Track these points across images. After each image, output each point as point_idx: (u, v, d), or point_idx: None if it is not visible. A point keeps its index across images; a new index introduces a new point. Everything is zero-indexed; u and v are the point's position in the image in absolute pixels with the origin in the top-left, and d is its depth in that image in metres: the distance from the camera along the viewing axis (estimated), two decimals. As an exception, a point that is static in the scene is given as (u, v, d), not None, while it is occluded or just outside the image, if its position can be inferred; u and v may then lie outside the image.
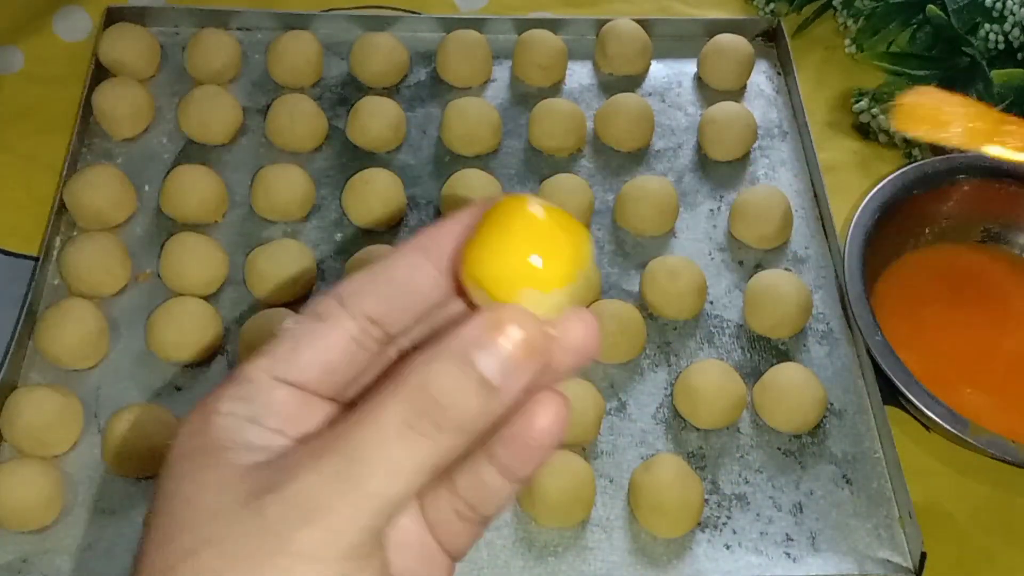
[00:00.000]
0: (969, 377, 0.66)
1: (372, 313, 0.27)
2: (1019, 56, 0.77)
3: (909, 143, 0.77)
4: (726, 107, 0.76)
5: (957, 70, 0.78)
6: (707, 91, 0.80)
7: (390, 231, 0.71)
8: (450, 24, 0.81)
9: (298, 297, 0.66)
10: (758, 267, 0.71)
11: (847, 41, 0.83)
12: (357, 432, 0.24)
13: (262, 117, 0.75)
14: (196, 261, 0.65)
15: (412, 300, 0.27)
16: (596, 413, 0.61)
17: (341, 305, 0.27)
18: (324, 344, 0.27)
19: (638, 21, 0.80)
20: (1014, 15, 0.76)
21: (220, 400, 0.27)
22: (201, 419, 0.26)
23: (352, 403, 0.27)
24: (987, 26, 0.77)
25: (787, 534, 0.60)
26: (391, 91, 0.78)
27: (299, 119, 0.73)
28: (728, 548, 0.59)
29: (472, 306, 0.27)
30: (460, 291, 0.27)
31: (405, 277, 0.27)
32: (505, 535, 0.58)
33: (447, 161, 0.74)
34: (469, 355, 0.24)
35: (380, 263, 0.28)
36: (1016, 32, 0.76)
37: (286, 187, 0.69)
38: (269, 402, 0.26)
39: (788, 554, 0.59)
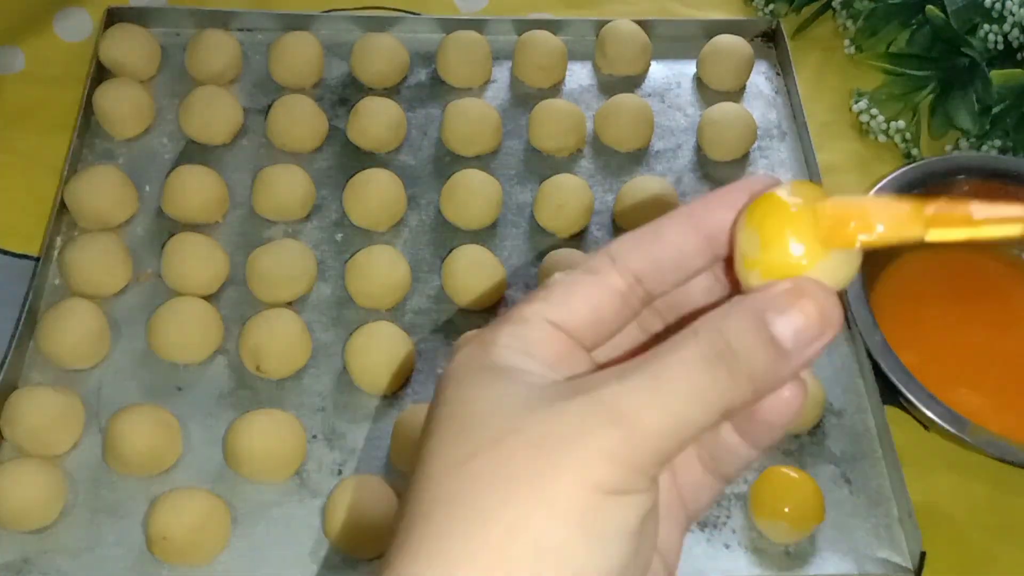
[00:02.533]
0: (968, 377, 0.66)
1: (639, 271, 0.28)
2: (1018, 56, 0.77)
3: (909, 143, 0.78)
4: (725, 108, 0.76)
5: (956, 70, 0.78)
6: (706, 92, 0.80)
7: (390, 231, 0.71)
8: (450, 25, 0.81)
9: (299, 297, 0.67)
10: (758, 267, 0.71)
11: (846, 42, 0.84)
12: (663, 358, 0.25)
13: (263, 117, 0.75)
14: (197, 261, 0.65)
15: (676, 264, 0.29)
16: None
17: (612, 261, 0.28)
18: (595, 294, 0.28)
19: (638, 22, 0.80)
20: (1013, 15, 0.76)
21: (498, 334, 0.28)
22: (480, 348, 0.27)
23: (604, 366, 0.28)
24: (986, 26, 0.77)
25: (787, 534, 0.60)
26: (391, 92, 0.78)
27: (299, 119, 0.73)
28: (728, 547, 0.59)
29: (734, 279, 0.28)
30: (728, 262, 0.29)
31: (673, 241, 0.29)
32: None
33: (447, 161, 0.75)
34: (765, 315, 0.25)
35: (650, 226, 0.29)
36: (1015, 32, 0.76)
37: (287, 187, 0.69)
38: (542, 340, 0.27)
39: (788, 553, 0.59)
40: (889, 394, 0.64)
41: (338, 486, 0.58)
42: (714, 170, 0.76)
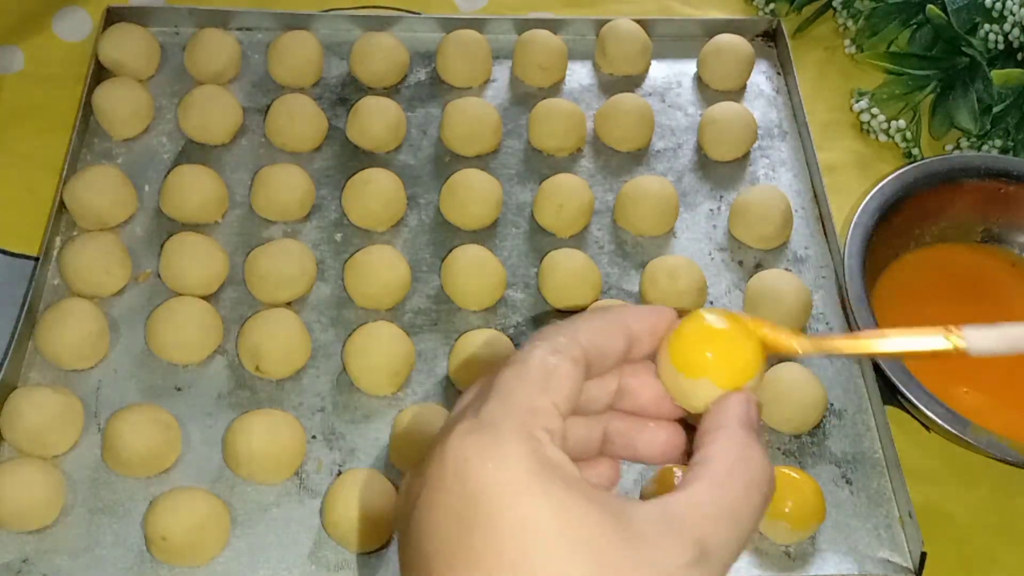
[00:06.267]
0: (968, 377, 0.66)
1: (588, 361, 0.33)
2: (1019, 56, 0.77)
3: (909, 143, 0.77)
4: (726, 107, 0.76)
5: (957, 70, 0.78)
6: (707, 91, 0.80)
7: (390, 231, 0.71)
8: (450, 24, 0.81)
9: (298, 297, 0.67)
10: (758, 267, 0.71)
11: (847, 41, 0.84)
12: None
13: (262, 117, 0.75)
14: (196, 261, 0.65)
15: (610, 358, 0.34)
16: (596, 413, 0.61)
17: (584, 351, 0.33)
18: (576, 379, 0.33)
19: (638, 21, 0.80)
20: (1014, 15, 0.76)
21: (524, 425, 0.30)
22: (514, 441, 0.30)
23: None
24: (987, 26, 0.77)
25: (787, 534, 0.60)
26: (391, 91, 0.78)
27: (299, 119, 0.73)
28: (728, 548, 0.59)
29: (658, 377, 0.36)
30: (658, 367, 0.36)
31: (616, 339, 0.35)
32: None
33: (447, 161, 0.74)
34: (753, 435, 0.33)
35: (599, 320, 0.35)
36: (1016, 32, 0.76)
37: (286, 187, 0.69)
38: (559, 428, 0.31)
39: (788, 554, 0.59)
40: (889, 394, 0.64)
41: (336, 480, 0.58)
42: (714, 169, 0.76)
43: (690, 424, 0.38)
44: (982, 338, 0.37)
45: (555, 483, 0.28)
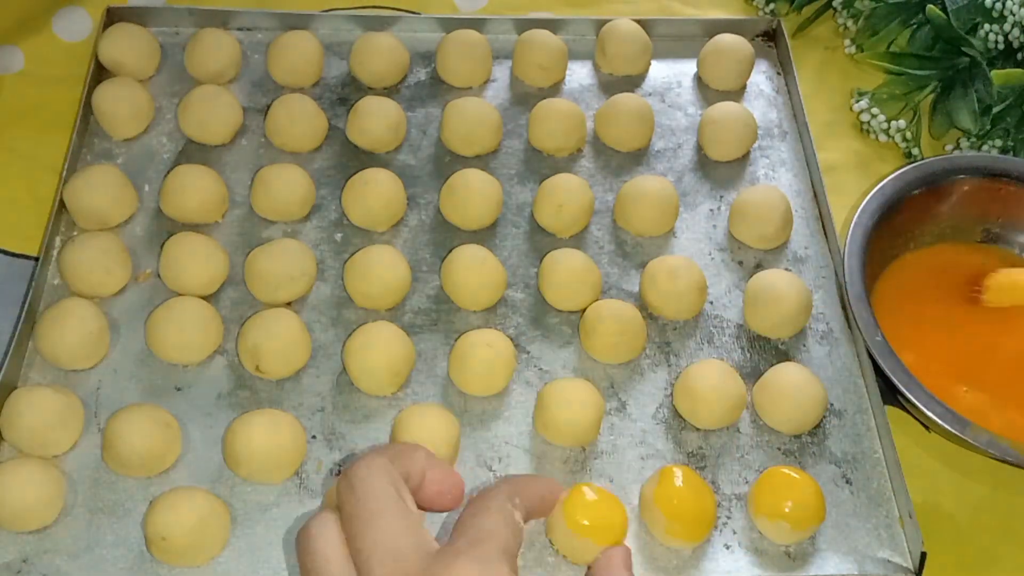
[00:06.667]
0: (968, 377, 0.66)
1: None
2: (1019, 56, 0.77)
3: (909, 142, 0.77)
4: (726, 107, 0.76)
5: (957, 70, 0.78)
6: (707, 91, 0.80)
7: (390, 231, 0.71)
8: (450, 24, 0.81)
9: (298, 297, 0.67)
10: (758, 267, 0.71)
11: (847, 41, 0.84)
12: None
13: (262, 117, 0.75)
14: (196, 261, 0.65)
15: (536, 513, 0.50)
16: (596, 413, 0.61)
17: (526, 514, 0.47)
18: (519, 535, 0.45)
19: (638, 21, 0.80)
20: (1014, 15, 0.76)
21: None
22: None
23: None
24: (987, 26, 0.77)
25: (787, 534, 0.60)
26: (391, 91, 0.78)
27: (299, 119, 0.73)
28: (728, 548, 0.59)
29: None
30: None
31: (542, 496, 0.51)
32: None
33: (447, 161, 0.75)
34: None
35: (536, 485, 0.51)
36: (1016, 32, 0.76)
37: (286, 187, 0.69)
38: None
39: (788, 554, 0.59)
40: (889, 394, 0.64)
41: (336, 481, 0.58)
42: (714, 169, 0.76)
43: None
44: None
45: None
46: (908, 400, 0.60)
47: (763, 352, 0.67)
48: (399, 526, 0.40)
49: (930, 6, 0.78)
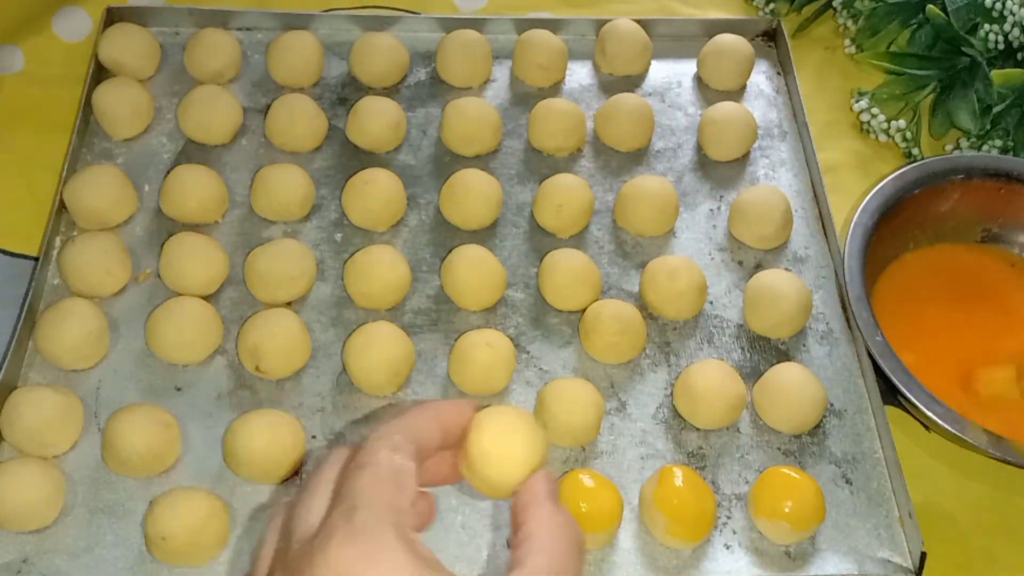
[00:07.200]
0: (968, 377, 0.65)
1: (419, 451, 0.38)
2: (1019, 56, 0.77)
3: (909, 142, 0.77)
4: (726, 107, 0.76)
5: (957, 70, 0.78)
6: (707, 91, 0.80)
7: (390, 231, 0.71)
8: (450, 24, 0.81)
9: (298, 297, 0.67)
10: (758, 267, 0.71)
11: (847, 41, 0.84)
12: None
13: (262, 117, 0.75)
14: (196, 261, 0.65)
15: (431, 450, 0.40)
16: (596, 413, 0.61)
17: (418, 451, 0.38)
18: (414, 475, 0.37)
19: (638, 21, 0.80)
20: (1014, 15, 0.76)
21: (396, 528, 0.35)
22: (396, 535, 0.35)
23: None
24: (987, 26, 0.77)
25: (787, 534, 0.60)
26: (391, 91, 0.78)
27: (299, 119, 0.73)
28: (728, 548, 0.59)
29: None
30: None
31: (435, 432, 0.40)
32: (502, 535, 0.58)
33: (447, 161, 0.74)
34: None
35: (423, 418, 0.40)
36: (1016, 32, 0.76)
37: (286, 187, 0.69)
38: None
39: (788, 554, 0.59)
40: (889, 394, 0.64)
41: None
42: (714, 169, 0.76)
43: None
44: None
45: None
46: (908, 400, 0.60)
47: (763, 352, 0.67)
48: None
49: (930, 6, 0.78)
